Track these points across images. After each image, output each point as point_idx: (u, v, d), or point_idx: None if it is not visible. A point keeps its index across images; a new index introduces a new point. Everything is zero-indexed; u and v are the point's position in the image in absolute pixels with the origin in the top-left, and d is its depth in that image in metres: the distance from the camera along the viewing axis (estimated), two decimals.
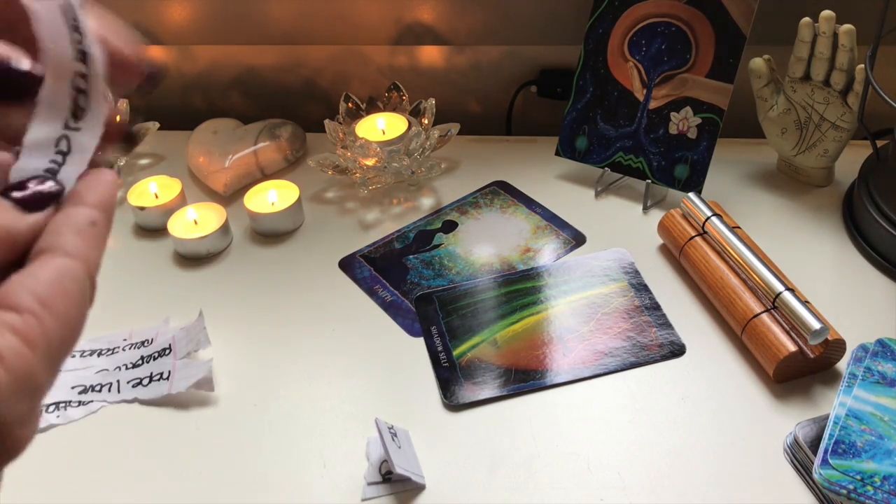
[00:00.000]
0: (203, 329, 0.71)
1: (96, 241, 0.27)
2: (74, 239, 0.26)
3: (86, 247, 0.27)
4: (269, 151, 0.92)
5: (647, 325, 0.71)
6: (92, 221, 0.27)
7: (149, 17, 0.99)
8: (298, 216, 0.86)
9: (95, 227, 0.27)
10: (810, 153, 0.82)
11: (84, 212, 0.27)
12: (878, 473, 0.53)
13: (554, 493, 0.59)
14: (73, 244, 0.26)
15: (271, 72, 1.04)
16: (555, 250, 0.80)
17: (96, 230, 0.27)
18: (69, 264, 0.26)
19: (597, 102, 0.87)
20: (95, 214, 0.27)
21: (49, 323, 0.24)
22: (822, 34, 0.75)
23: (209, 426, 0.66)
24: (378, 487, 0.60)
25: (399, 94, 0.92)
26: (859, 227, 0.78)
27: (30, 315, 0.24)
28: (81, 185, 0.28)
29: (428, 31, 0.97)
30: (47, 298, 0.25)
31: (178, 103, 1.08)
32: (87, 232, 0.27)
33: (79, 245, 0.26)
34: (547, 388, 0.66)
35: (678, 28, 0.82)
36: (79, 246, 0.26)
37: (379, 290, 0.78)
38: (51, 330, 0.24)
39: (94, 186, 0.28)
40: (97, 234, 0.27)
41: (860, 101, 0.76)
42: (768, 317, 0.65)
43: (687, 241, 0.74)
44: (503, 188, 0.89)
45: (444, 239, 0.83)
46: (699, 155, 0.82)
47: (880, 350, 0.62)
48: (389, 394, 0.67)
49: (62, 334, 0.25)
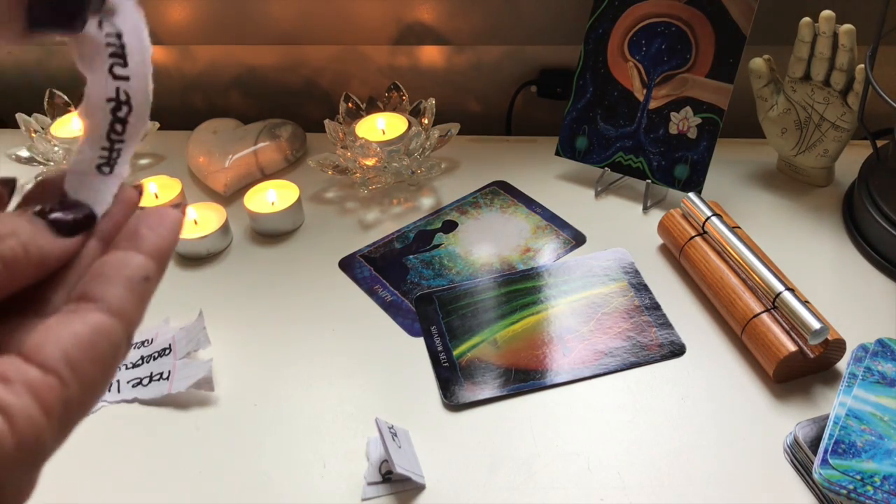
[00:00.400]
0: (203, 329, 0.71)
1: (145, 298, 0.25)
2: (123, 294, 0.24)
3: (133, 305, 0.25)
4: (269, 151, 0.92)
5: (647, 325, 0.71)
6: (146, 277, 0.25)
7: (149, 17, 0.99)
8: (298, 216, 0.86)
9: (148, 284, 0.25)
10: (810, 153, 0.82)
11: (140, 262, 0.25)
12: (878, 473, 0.53)
13: (554, 493, 0.59)
14: (119, 300, 0.24)
15: (271, 72, 1.04)
16: (555, 250, 0.80)
17: (148, 286, 0.25)
18: (110, 324, 0.24)
19: (597, 102, 0.87)
20: (151, 268, 0.25)
21: (73, 389, 0.23)
22: (822, 34, 0.75)
23: (209, 426, 0.66)
24: (378, 487, 0.60)
25: (399, 94, 0.92)
26: (859, 227, 0.78)
27: (54, 377, 0.22)
28: (144, 223, 0.26)
29: (428, 31, 0.97)
30: (78, 361, 0.23)
31: (178, 103, 1.08)
32: (138, 288, 0.25)
33: (126, 302, 0.24)
34: (547, 388, 0.66)
35: (678, 28, 0.82)
36: (126, 303, 0.24)
37: (379, 290, 0.78)
38: (73, 396, 0.23)
39: (156, 226, 0.26)
40: (148, 290, 0.25)
41: (860, 101, 0.76)
42: (768, 317, 0.65)
43: (687, 241, 0.74)
44: (503, 188, 0.89)
45: (444, 239, 0.83)
46: (699, 155, 0.82)
47: (880, 350, 0.62)
48: (389, 394, 0.67)
49: (83, 400, 0.23)
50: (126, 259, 0.25)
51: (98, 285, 0.24)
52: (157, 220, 0.26)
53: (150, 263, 0.25)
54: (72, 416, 0.23)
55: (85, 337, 0.23)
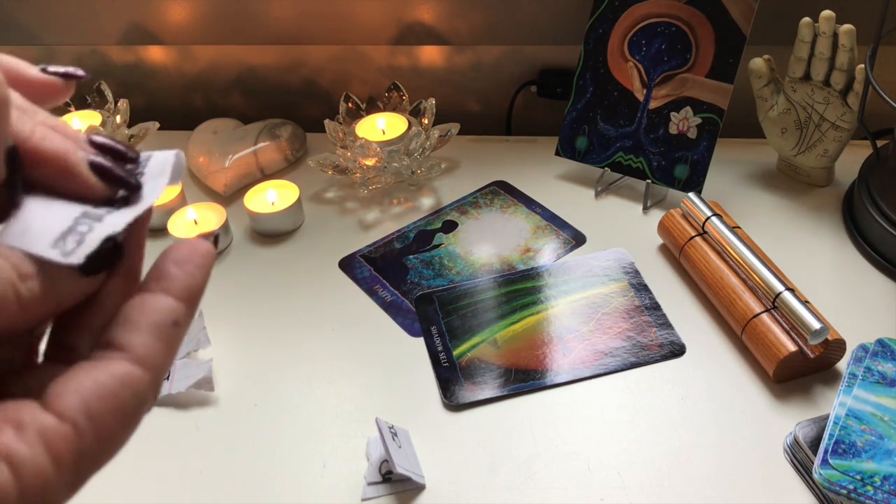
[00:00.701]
0: (203, 329, 0.71)
1: (174, 344, 0.24)
2: (150, 341, 0.23)
3: (161, 353, 0.23)
4: (269, 151, 0.92)
5: (647, 325, 0.71)
6: (175, 321, 0.23)
7: (149, 17, 0.99)
8: (298, 216, 0.86)
9: (177, 329, 0.24)
10: (810, 153, 0.82)
11: (169, 306, 0.23)
12: (878, 473, 0.53)
13: (554, 493, 0.59)
14: (146, 348, 0.23)
15: (271, 72, 1.04)
16: (555, 250, 0.80)
17: (177, 332, 0.24)
18: (135, 374, 0.22)
19: (597, 102, 0.87)
20: (181, 311, 0.24)
21: (89, 440, 0.21)
22: (822, 34, 0.75)
23: (209, 426, 0.66)
24: (378, 487, 0.60)
25: (399, 94, 0.92)
26: (859, 227, 0.78)
27: (70, 426, 0.21)
28: (172, 260, 0.24)
29: (428, 31, 0.97)
30: (97, 412, 0.22)
31: (178, 103, 1.08)
32: (167, 334, 0.23)
33: (153, 350, 0.23)
34: (547, 388, 0.66)
35: (678, 28, 0.82)
36: (153, 351, 0.23)
37: (379, 290, 0.78)
38: (88, 448, 0.21)
39: (186, 263, 0.24)
40: (177, 336, 0.24)
41: (860, 101, 0.76)
42: (768, 317, 0.65)
43: (687, 241, 0.74)
44: (503, 188, 0.89)
45: (444, 239, 0.83)
46: (699, 155, 0.82)
47: (880, 350, 0.62)
48: (389, 394, 0.67)
49: (99, 452, 0.22)
50: (154, 303, 0.23)
51: (124, 332, 0.23)
52: (186, 256, 0.24)
53: (180, 306, 0.24)
54: (86, 467, 0.22)
55: (107, 387, 0.22)
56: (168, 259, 0.24)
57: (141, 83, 1.06)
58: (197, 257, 0.25)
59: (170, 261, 0.24)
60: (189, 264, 0.24)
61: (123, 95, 0.98)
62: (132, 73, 1.06)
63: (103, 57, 1.04)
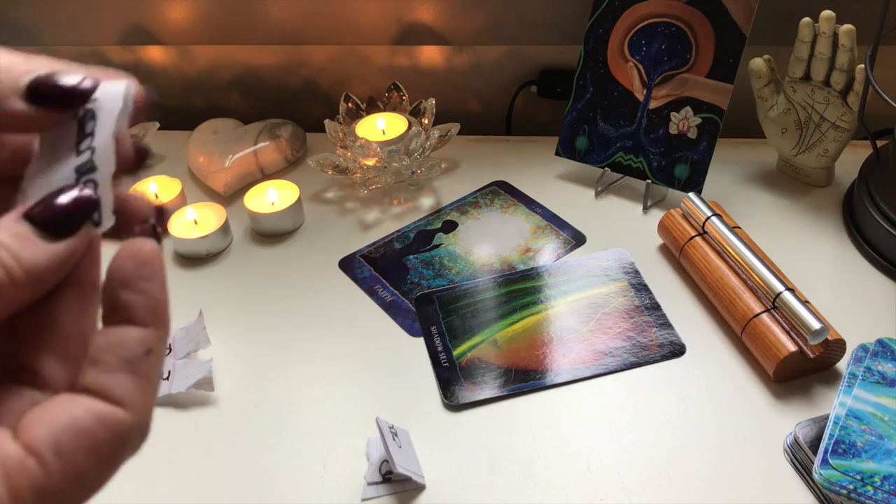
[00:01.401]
0: (203, 329, 0.71)
1: (152, 374, 0.22)
2: (126, 380, 0.21)
3: (139, 389, 0.21)
4: (269, 151, 0.92)
5: (647, 325, 0.71)
6: (147, 349, 0.22)
7: (149, 17, 0.99)
8: (298, 216, 0.86)
9: (152, 356, 0.22)
10: (810, 153, 0.82)
11: (135, 336, 0.22)
12: (878, 473, 0.53)
13: (554, 493, 0.59)
14: (123, 388, 0.21)
15: (271, 72, 1.04)
16: (555, 250, 0.80)
17: (153, 359, 0.22)
18: (115, 414, 0.21)
19: (597, 102, 0.87)
20: (151, 337, 0.22)
21: (55, 477, 0.20)
22: (822, 34, 0.75)
23: (209, 426, 0.66)
24: (378, 487, 0.60)
25: (399, 94, 0.92)
26: (859, 227, 0.78)
27: (35, 461, 0.20)
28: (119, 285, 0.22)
29: (428, 31, 0.97)
30: (68, 448, 0.20)
31: (178, 103, 1.08)
32: (143, 367, 0.22)
33: (131, 389, 0.21)
34: (547, 388, 0.66)
35: (678, 28, 0.82)
36: (129, 389, 0.21)
37: (379, 290, 0.78)
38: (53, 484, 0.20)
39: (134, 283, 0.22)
40: (154, 364, 0.22)
41: (860, 101, 0.76)
42: (768, 317, 0.65)
43: (687, 241, 0.74)
44: (503, 188, 0.89)
45: (444, 239, 0.83)
46: (699, 155, 0.82)
47: (880, 350, 0.62)
48: (389, 394, 0.67)
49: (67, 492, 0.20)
50: (119, 336, 0.22)
51: (98, 374, 0.21)
52: (132, 273, 0.22)
53: (149, 332, 0.22)
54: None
55: (81, 423, 0.20)
56: (115, 284, 0.22)
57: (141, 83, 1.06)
58: (144, 269, 0.22)
59: (118, 286, 0.22)
60: (140, 282, 0.22)
61: None
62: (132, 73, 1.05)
63: (103, 57, 1.04)
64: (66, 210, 0.21)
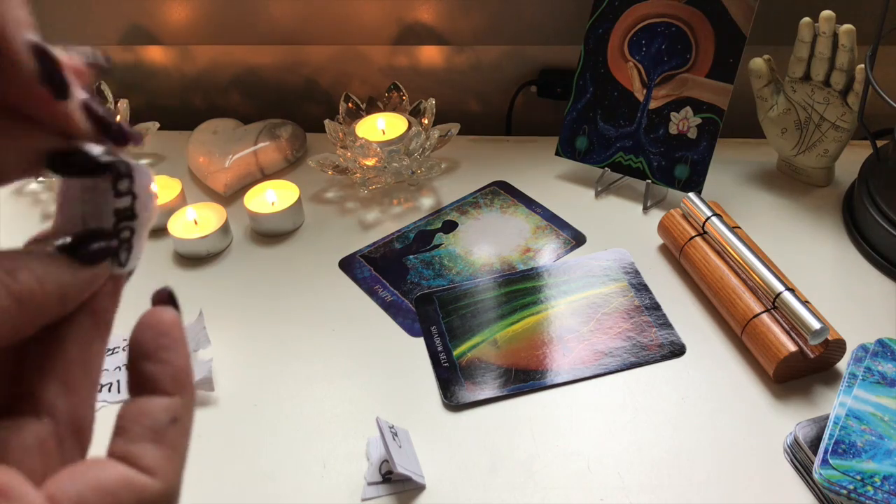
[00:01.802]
0: (203, 329, 0.71)
1: (179, 442, 0.22)
2: (151, 449, 0.21)
3: (166, 457, 0.22)
4: (269, 151, 0.92)
5: (647, 325, 0.71)
6: (173, 419, 0.22)
7: (149, 17, 0.99)
8: (298, 216, 0.86)
9: (178, 424, 0.22)
10: (810, 153, 0.82)
11: (161, 406, 0.22)
12: (878, 473, 0.53)
13: (554, 493, 0.59)
14: (149, 456, 0.21)
15: (271, 72, 1.04)
16: (555, 250, 0.80)
17: (179, 427, 0.22)
18: (141, 480, 0.21)
19: (597, 102, 0.87)
20: (176, 405, 0.22)
21: None
22: (822, 34, 0.75)
23: (209, 426, 0.66)
24: (378, 487, 0.60)
25: (399, 94, 0.92)
26: (859, 227, 0.78)
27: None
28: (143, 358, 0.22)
29: (428, 31, 0.97)
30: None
31: (178, 103, 1.08)
32: (169, 435, 0.22)
33: (156, 456, 0.21)
34: (547, 388, 0.66)
35: (678, 28, 0.82)
36: (156, 457, 0.21)
37: (379, 290, 0.78)
38: None
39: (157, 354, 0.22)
40: (181, 431, 0.22)
41: (860, 101, 0.76)
42: (768, 317, 0.65)
43: (687, 241, 0.74)
44: (503, 188, 0.89)
45: (444, 239, 0.83)
46: (699, 155, 0.82)
47: (880, 350, 0.62)
48: (389, 394, 0.67)
49: None
50: (144, 407, 0.22)
51: (123, 444, 0.21)
52: (153, 344, 0.22)
53: (173, 402, 0.22)
54: None
55: (108, 484, 0.20)
56: (137, 356, 0.22)
57: (141, 83, 1.06)
58: (165, 340, 0.23)
59: (140, 358, 0.22)
60: (161, 353, 0.22)
61: (123, 95, 0.98)
62: (132, 73, 1.06)
63: None
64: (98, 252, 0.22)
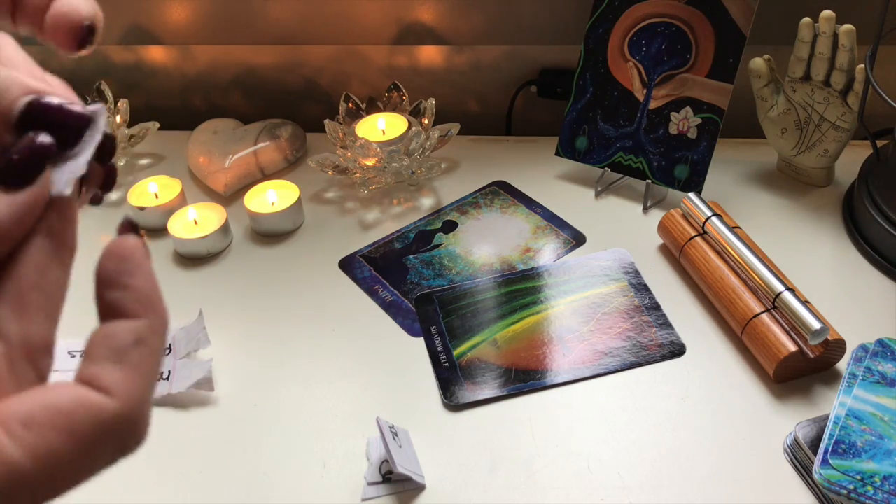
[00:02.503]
0: (203, 329, 0.71)
1: (144, 365, 0.21)
2: (111, 369, 0.21)
3: (127, 378, 0.21)
4: (269, 151, 0.92)
5: (647, 325, 0.71)
6: (136, 340, 0.21)
7: (149, 17, 0.99)
8: (298, 216, 0.86)
9: (142, 346, 0.21)
10: (810, 153, 0.82)
11: (123, 326, 0.21)
12: (878, 473, 0.53)
13: (554, 493, 0.59)
14: (109, 376, 0.20)
15: (271, 72, 1.04)
16: (555, 250, 0.80)
17: (144, 350, 0.21)
18: (96, 398, 0.20)
19: (597, 102, 0.87)
20: (141, 326, 0.21)
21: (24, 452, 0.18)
22: (822, 34, 0.75)
23: (209, 426, 0.66)
24: (378, 487, 0.60)
25: (399, 94, 0.92)
26: (859, 227, 0.78)
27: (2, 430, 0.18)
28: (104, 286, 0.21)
29: (428, 31, 0.97)
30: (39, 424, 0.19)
31: (178, 103, 1.08)
32: (129, 355, 0.21)
33: (116, 377, 0.20)
34: (547, 388, 0.66)
35: (678, 28, 0.82)
36: (116, 378, 0.20)
37: (379, 290, 0.78)
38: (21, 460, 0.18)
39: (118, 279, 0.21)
40: (146, 355, 0.21)
41: (860, 101, 0.76)
42: (768, 317, 0.65)
43: (687, 241, 0.74)
44: (503, 188, 0.89)
45: (444, 239, 0.83)
46: (699, 155, 0.82)
47: (880, 350, 0.62)
48: (389, 394, 0.67)
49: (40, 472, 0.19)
50: (108, 329, 0.21)
51: (86, 367, 0.21)
52: (115, 269, 0.22)
53: (137, 323, 0.21)
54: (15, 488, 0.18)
55: (58, 403, 0.19)
56: (101, 287, 0.22)
57: (141, 83, 1.06)
58: (126, 264, 0.22)
59: (104, 288, 0.22)
60: (123, 278, 0.22)
61: (123, 95, 0.98)
62: (132, 73, 1.06)
63: (103, 57, 1.04)
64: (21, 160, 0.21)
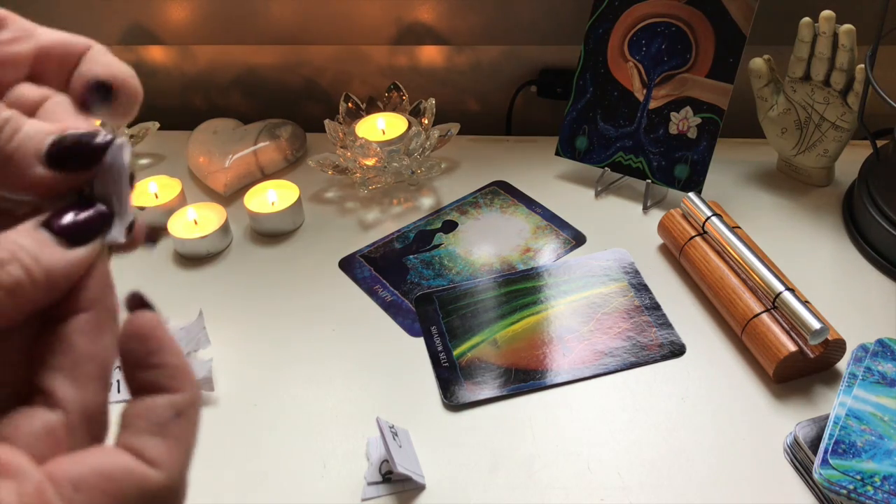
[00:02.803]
0: (203, 329, 0.71)
1: (184, 435, 0.22)
2: (155, 442, 0.21)
3: (170, 450, 0.22)
4: (269, 151, 0.92)
5: (647, 325, 0.71)
6: (177, 412, 0.22)
7: (149, 17, 0.99)
8: (298, 216, 0.86)
9: (181, 419, 0.22)
10: (810, 153, 0.82)
11: (163, 401, 0.22)
12: (878, 473, 0.53)
13: (554, 493, 0.59)
14: (153, 448, 0.21)
15: (271, 72, 1.04)
16: (555, 250, 0.80)
17: (183, 422, 0.22)
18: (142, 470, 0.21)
19: (597, 102, 0.87)
20: (179, 400, 0.22)
21: None
22: (822, 34, 0.75)
23: (209, 426, 0.66)
24: (378, 487, 0.60)
25: (399, 94, 0.92)
26: (859, 227, 0.78)
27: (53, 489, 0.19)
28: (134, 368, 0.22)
29: (428, 31, 0.97)
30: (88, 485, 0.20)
31: (178, 103, 1.08)
32: (171, 428, 0.22)
33: (160, 450, 0.21)
34: (547, 388, 0.66)
35: (678, 28, 0.82)
36: (160, 451, 0.21)
37: (379, 290, 0.78)
38: None
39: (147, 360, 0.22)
40: (185, 426, 0.22)
41: (860, 101, 0.76)
42: (768, 317, 0.65)
43: (687, 241, 0.74)
44: (503, 188, 0.89)
45: (444, 239, 0.83)
46: (699, 155, 0.82)
47: (880, 350, 0.62)
48: (389, 394, 0.67)
49: None
50: (147, 403, 0.22)
51: (127, 437, 0.22)
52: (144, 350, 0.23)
53: (176, 397, 0.22)
54: None
55: (109, 469, 0.21)
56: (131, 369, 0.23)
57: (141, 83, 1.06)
58: (151, 344, 0.23)
59: (133, 370, 0.23)
60: (150, 358, 0.23)
61: None
62: None
63: None
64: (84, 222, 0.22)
